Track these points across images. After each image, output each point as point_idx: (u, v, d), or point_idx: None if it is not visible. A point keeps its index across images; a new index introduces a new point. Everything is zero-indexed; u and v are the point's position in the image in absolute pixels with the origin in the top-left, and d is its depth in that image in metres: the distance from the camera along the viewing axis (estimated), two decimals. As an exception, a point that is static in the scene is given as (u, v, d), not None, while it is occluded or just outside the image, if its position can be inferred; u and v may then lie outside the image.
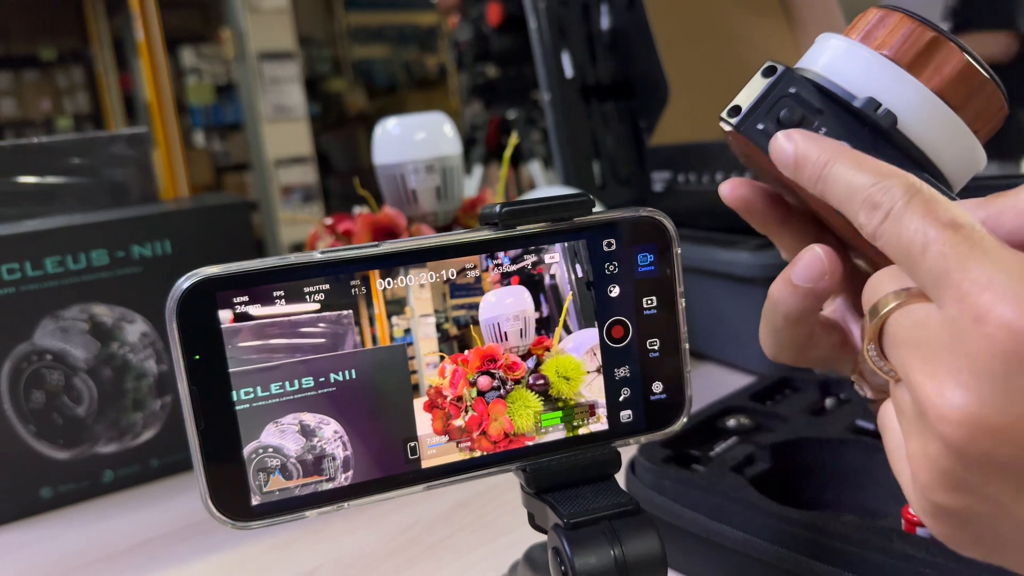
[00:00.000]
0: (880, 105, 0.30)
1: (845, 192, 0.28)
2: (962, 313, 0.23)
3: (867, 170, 0.27)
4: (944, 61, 0.30)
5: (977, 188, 0.34)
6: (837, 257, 0.30)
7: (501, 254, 0.32)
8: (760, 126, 0.31)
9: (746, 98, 0.32)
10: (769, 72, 0.31)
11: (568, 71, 0.95)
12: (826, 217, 0.33)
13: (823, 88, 0.31)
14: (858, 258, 0.38)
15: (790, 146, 0.30)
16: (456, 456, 0.32)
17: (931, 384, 0.23)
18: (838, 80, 0.31)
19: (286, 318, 0.30)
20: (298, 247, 3.70)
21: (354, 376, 0.31)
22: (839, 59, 0.31)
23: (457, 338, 0.32)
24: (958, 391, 0.22)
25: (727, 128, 0.32)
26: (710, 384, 0.74)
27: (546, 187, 1.79)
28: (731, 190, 0.35)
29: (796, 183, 0.32)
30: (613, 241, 0.33)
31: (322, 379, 0.30)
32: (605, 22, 0.98)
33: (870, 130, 0.30)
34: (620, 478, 0.35)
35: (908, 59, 0.30)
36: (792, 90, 0.31)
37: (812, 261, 0.30)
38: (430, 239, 0.32)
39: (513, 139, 0.86)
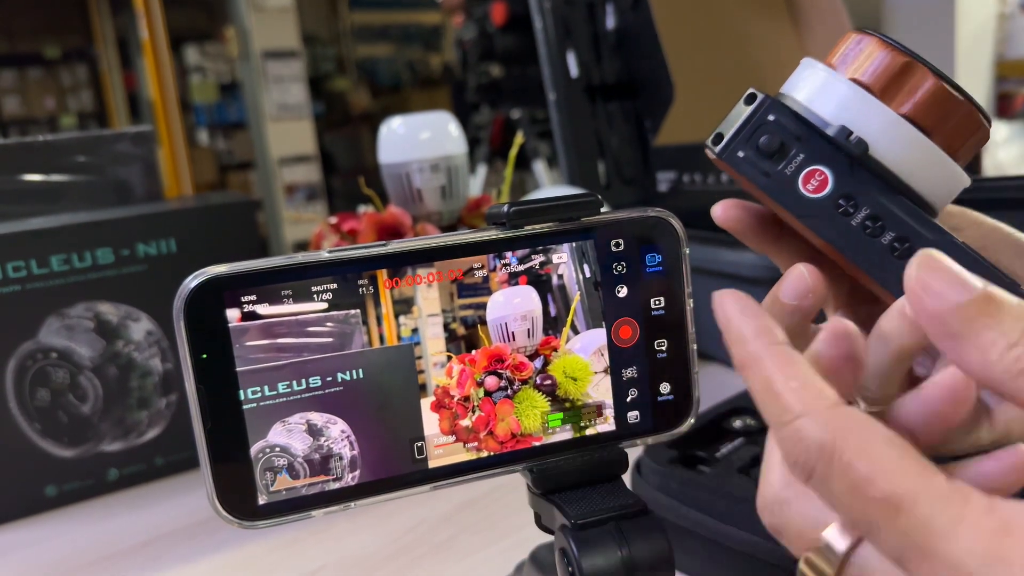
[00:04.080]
0: (852, 133, 0.30)
1: (761, 406, 0.24)
2: None
3: (780, 399, 0.23)
4: (916, 85, 0.30)
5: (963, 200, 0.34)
6: (822, 276, 0.31)
7: (509, 254, 0.32)
8: (741, 153, 0.32)
9: (728, 126, 0.32)
10: (750, 100, 0.32)
11: (573, 71, 0.95)
12: (814, 242, 0.33)
13: (800, 116, 0.31)
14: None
15: (721, 314, 0.27)
16: (463, 456, 0.32)
17: None
18: (814, 108, 0.31)
19: (293, 317, 0.30)
20: (302, 246, 3.70)
21: (361, 375, 0.31)
22: (815, 87, 0.32)
23: (464, 338, 0.32)
24: None
25: (711, 156, 0.33)
26: (716, 385, 0.74)
27: (550, 187, 1.79)
28: (723, 211, 0.35)
29: (781, 210, 0.32)
30: (621, 241, 0.33)
31: (329, 378, 0.30)
32: (611, 22, 0.97)
33: (846, 155, 0.31)
34: (626, 479, 0.35)
35: (881, 84, 0.30)
36: (771, 118, 0.31)
37: (797, 279, 0.31)
38: (438, 239, 0.32)
39: (518, 139, 0.86)
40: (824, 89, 0.31)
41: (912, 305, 0.24)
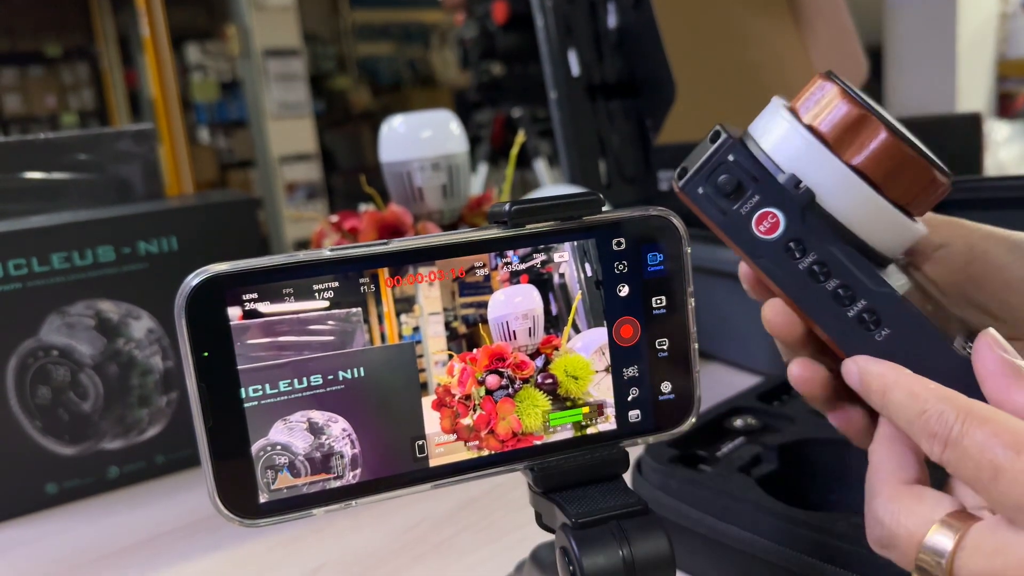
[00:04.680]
0: (800, 182, 0.31)
1: (905, 422, 0.29)
2: None
3: (919, 398, 0.28)
4: (868, 138, 0.31)
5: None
6: (788, 314, 0.32)
7: (510, 252, 0.32)
8: (700, 190, 0.33)
9: (692, 161, 0.33)
10: (714, 138, 0.33)
11: (575, 69, 0.95)
12: (765, 282, 0.34)
13: (757, 159, 0.32)
14: None
15: (855, 369, 0.31)
16: (464, 455, 0.32)
17: None
18: (770, 153, 0.32)
19: (294, 315, 0.30)
20: (303, 244, 3.70)
21: (363, 374, 0.31)
22: (774, 132, 0.32)
23: (466, 336, 0.32)
24: None
25: (675, 188, 0.33)
26: (717, 384, 0.74)
27: (551, 186, 1.79)
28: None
29: (736, 249, 0.33)
30: (623, 240, 0.33)
31: (331, 377, 0.30)
32: (612, 20, 0.97)
33: (798, 201, 0.31)
34: (626, 478, 0.35)
35: (835, 135, 0.31)
36: (731, 158, 0.32)
37: (767, 318, 0.33)
38: (440, 237, 0.32)
39: (520, 137, 0.86)
40: (781, 135, 0.32)
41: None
